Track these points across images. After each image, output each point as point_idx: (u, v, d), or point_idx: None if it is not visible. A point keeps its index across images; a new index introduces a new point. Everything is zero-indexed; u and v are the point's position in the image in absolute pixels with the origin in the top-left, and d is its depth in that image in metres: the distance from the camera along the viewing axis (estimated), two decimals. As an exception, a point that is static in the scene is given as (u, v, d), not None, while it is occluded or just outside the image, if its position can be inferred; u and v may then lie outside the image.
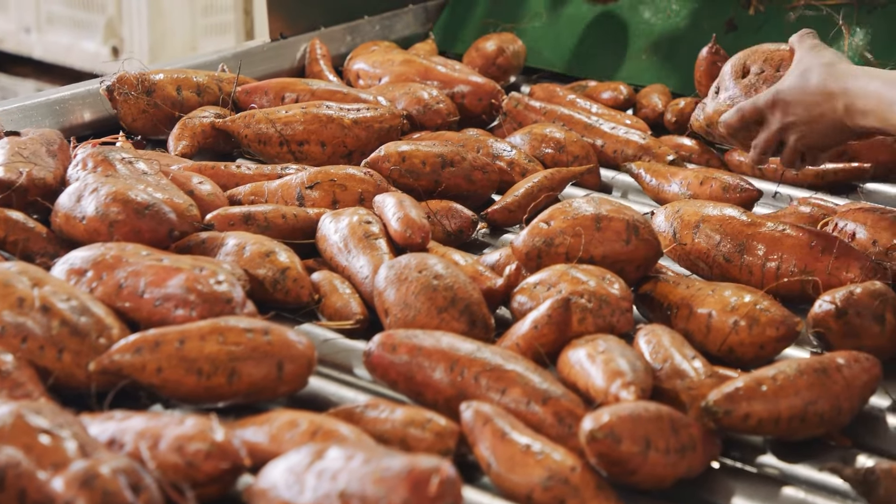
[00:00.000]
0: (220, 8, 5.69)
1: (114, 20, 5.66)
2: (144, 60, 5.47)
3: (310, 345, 2.01)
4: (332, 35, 3.69)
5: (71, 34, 5.81)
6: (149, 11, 5.56)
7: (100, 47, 5.69)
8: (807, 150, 2.47)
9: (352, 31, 3.76)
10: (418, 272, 2.16)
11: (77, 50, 5.79)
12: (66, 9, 5.81)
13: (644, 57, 3.62)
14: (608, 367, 1.95)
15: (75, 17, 5.78)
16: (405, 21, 3.92)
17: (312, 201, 2.54)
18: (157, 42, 5.59)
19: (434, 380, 1.99)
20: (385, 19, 3.85)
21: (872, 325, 2.16)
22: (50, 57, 5.90)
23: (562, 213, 2.30)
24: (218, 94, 3.02)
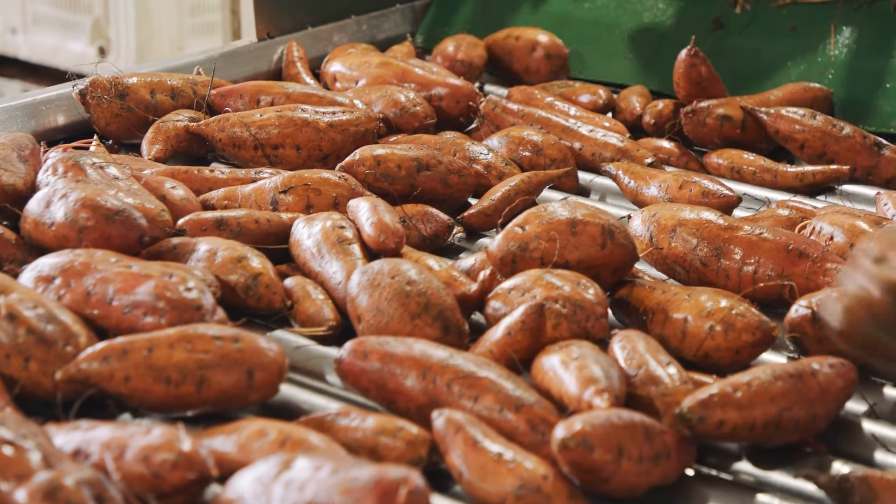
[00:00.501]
0: (206, 8, 5.68)
1: (100, 21, 5.65)
2: (131, 61, 5.51)
3: (280, 352, 1.99)
4: (319, 35, 3.68)
5: (57, 35, 5.80)
6: (136, 12, 5.55)
7: (86, 48, 5.69)
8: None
9: (339, 30, 3.74)
10: (391, 278, 2.14)
11: (64, 50, 5.78)
12: (52, 9, 5.80)
13: (630, 56, 3.61)
14: (582, 374, 1.93)
15: (62, 18, 5.78)
16: (392, 21, 3.91)
17: (286, 206, 2.52)
18: (144, 42, 5.59)
19: (406, 387, 1.97)
20: (372, 19, 3.83)
21: (849, 329, 2.15)
22: (36, 58, 5.89)
23: (537, 217, 2.28)
24: (193, 97, 2.99)
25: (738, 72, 3.43)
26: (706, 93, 3.11)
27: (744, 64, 3.47)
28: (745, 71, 3.46)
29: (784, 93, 3.21)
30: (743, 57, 3.49)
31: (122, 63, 5.46)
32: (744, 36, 3.55)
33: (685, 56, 3.12)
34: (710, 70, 3.12)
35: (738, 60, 3.48)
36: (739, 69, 3.45)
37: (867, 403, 2.12)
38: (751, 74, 3.45)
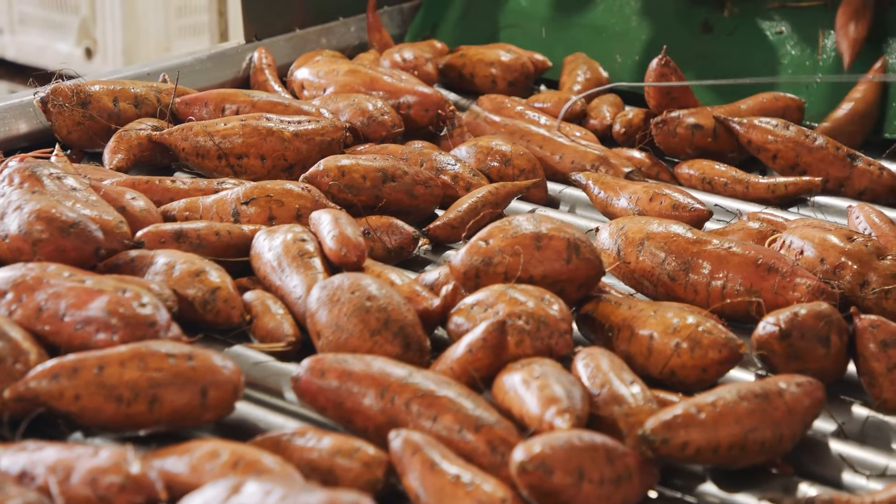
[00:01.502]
0: (194, 9, 5.66)
1: (87, 21, 5.63)
2: (118, 62, 5.50)
3: (236, 370, 1.95)
4: (307, 37, 3.66)
5: (44, 35, 5.78)
6: (122, 13, 5.53)
7: (73, 48, 5.67)
8: None
9: (327, 32, 3.72)
10: (351, 293, 2.10)
11: (50, 51, 5.75)
12: (39, 10, 5.78)
13: (619, 59, 3.59)
14: (543, 394, 1.89)
15: (48, 18, 5.75)
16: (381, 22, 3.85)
17: (248, 217, 2.47)
18: (130, 43, 5.57)
19: (364, 406, 1.92)
20: (360, 20, 3.81)
21: (817, 347, 2.11)
22: (23, 58, 5.87)
23: (501, 231, 2.23)
24: (156, 105, 2.94)
25: (725, 76, 3.42)
26: (676, 102, 3.08)
27: (731, 68, 3.47)
28: (733, 75, 3.44)
29: (755, 102, 3.18)
30: (731, 61, 3.48)
31: (108, 64, 5.46)
32: (732, 40, 3.53)
33: (655, 65, 3.08)
34: (680, 78, 3.08)
35: (725, 64, 3.47)
36: (727, 73, 3.44)
37: (836, 423, 2.08)
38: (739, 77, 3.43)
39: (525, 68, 3.46)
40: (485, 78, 3.46)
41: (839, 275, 2.33)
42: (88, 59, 5.64)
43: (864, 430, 2.09)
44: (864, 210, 2.63)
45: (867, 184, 2.90)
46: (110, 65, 5.57)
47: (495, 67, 3.46)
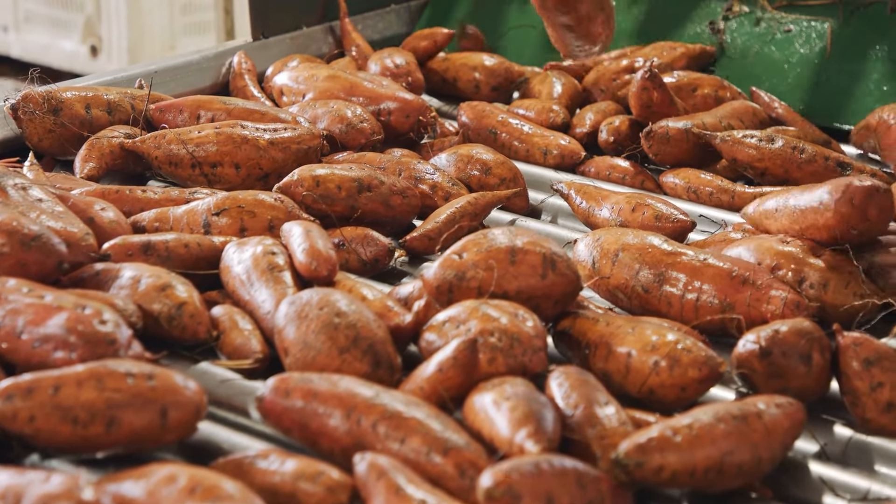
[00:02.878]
0: (199, 7, 5.66)
1: (92, 19, 5.63)
2: (123, 60, 5.54)
3: (198, 390, 1.89)
4: (314, 35, 3.63)
5: (49, 33, 5.80)
6: (127, 10, 5.54)
7: (78, 46, 5.68)
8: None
9: (332, 31, 3.68)
10: (319, 309, 2.04)
11: (55, 49, 5.77)
12: (44, 7, 5.79)
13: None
14: (513, 415, 1.84)
15: (53, 16, 5.77)
16: (387, 21, 3.86)
17: (219, 229, 2.41)
18: (135, 41, 5.58)
19: (330, 427, 1.87)
20: (367, 19, 3.79)
21: (798, 365, 2.06)
22: (28, 56, 5.89)
23: (475, 244, 2.17)
24: (130, 112, 2.88)
25: (732, 75, 3.41)
26: (656, 116, 3.00)
27: (740, 67, 3.45)
28: (740, 74, 3.43)
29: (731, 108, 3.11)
30: (739, 60, 3.46)
31: (113, 62, 5.44)
32: (740, 39, 3.50)
33: (639, 78, 3.01)
34: (663, 94, 3.00)
35: (734, 63, 3.45)
36: (736, 72, 3.43)
37: (818, 444, 2.02)
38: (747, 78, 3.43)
39: (509, 73, 3.40)
40: (468, 83, 3.40)
41: (776, 275, 2.28)
42: (93, 57, 5.66)
43: (846, 451, 2.03)
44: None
45: (859, 193, 2.84)
46: (115, 63, 5.60)
47: (479, 72, 3.40)
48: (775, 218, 2.39)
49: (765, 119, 3.13)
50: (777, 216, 2.39)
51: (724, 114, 3.06)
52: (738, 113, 3.09)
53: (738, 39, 3.52)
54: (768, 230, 2.43)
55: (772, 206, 2.42)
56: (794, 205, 2.35)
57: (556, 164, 3.01)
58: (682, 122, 2.95)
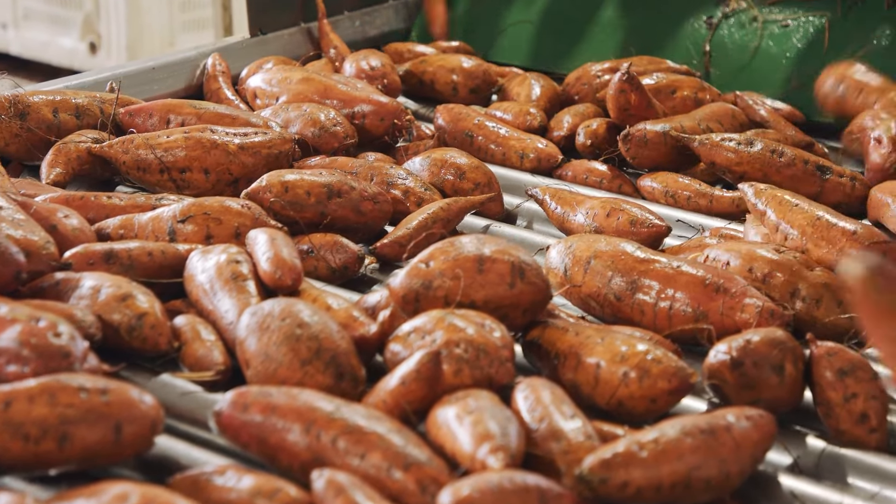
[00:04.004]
0: (198, 3, 5.68)
1: (91, 16, 5.64)
2: (122, 57, 5.56)
3: (155, 405, 1.85)
4: (312, 31, 3.61)
5: (48, 30, 5.81)
6: (126, 7, 5.55)
7: (77, 43, 5.69)
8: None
9: (333, 26, 3.66)
10: (281, 320, 2.00)
11: (54, 46, 5.78)
12: (43, 5, 5.81)
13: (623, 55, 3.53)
14: (476, 430, 1.79)
15: (52, 13, 5.78)
16: (385, 17, 3.84)
17: (185, 236, 2.37)
18: (134, 38, 5.59)
19: (289, 442, 1.82)
20: (365, 14, 3.77)
21: (770, 375, 2.01)
22: (27, 53, 5.91)
23: (442, 252, 2.13)
24: (99, 116, 2.84)
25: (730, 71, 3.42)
26: (634, 119, 2.96)
27: (737, 62, 3.45)
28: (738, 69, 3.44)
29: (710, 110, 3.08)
30: (736, 55, 3.45)
31: (113, 59, 5.44)
32: (737, 35, 3.49)
33: (616, 80, 2.96)
34: (641, 96, 2.96)
35: (730, 58, 3.45)
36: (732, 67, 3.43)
37: (791, 456, 1.98)
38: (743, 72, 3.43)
39: (487, 75, 3.36)
40: (446, 85, 3.36)
41: (768, 284, 2.24)
42: (93, 53, 5.68)
43: (819, 463, 1.99)
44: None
45: (840, 198, 2.79)
46: (114, 60, 5.61)
47: (457, 74, 3.36)
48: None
49: (745, 122, 3.09)
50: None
51: (702, 116, 3.02)
52: (718, 115, 3.04)
53: (735, 34, 3.51)
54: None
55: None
56: None
57: (533, 168, 2.97)
58: (660, 125, 2.91)
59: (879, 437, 2.01)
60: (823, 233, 2.37)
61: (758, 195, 2.53)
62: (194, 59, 3.34)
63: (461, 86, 3.34)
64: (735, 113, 3.09)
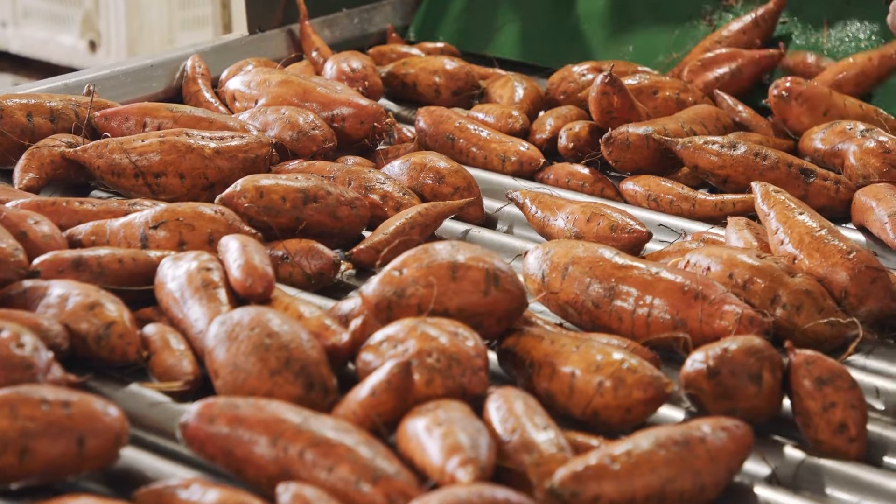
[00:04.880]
0: (197, 1, 5.69)
1: (91, 14, 5.64)
2: (122, 54, 5.56)
3: (119, 417, 1.81)
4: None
5: (48, 28, 5.82)
6: (126, 5, 5.56)
7: (77, 41, 5.69)
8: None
9: (330, 24, 3.66)
10: (250, 329, 1.97)
11: (54, 44, 5.78)
12: (43, 2, 5.82)
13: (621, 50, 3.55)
14: (445, 442, 1.76)
15: (52, 11, 5.78)
16: (384, 14, 3.83)
17: (157, 243, 2.34)
18: (134, 36, 5.60)
19: (255, 455, 1.79)
20: (364, 12, 3.76)
21: (748, 385, 1.98)
22: (27, 51, 5.92)
23: (416, 260, 2.10)
24: (74, 119, 2.80)
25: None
26: (616, 122, 2.92)
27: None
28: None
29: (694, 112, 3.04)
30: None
31: (112, 57, 5.45)
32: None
33: (599, 83, 2.92)
34: (624, 98, 2.92)
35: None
36: None
37: (769, 467, 1.95)
38: None
39: (470, 77, 3.33)
40: (428, 87, 3.32)
41: (748, 290, 2.21)
42: (92, 51, 5.68)
43: (797, 474, 1.96)
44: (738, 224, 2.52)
45: (825, 201, 2.76)
46: (114, 57, 5.60)
47: (439, 76, 3.32)
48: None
49: (729, 123, 3.06)
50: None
51: (686, 118, 2.98)
52: (702, 117, 3.01)
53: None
54: None
55: None
56: None
57: (515, 171, 2.94)
58: (643, 128, 2.88)
59: (859, 446, 1.97)
60: (819, 246, 2.33)
61: (765, 197, 2.49)
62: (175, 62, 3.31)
63: (444, 88, 3.31)
64: (719, 114, 3.06)
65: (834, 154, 2.88)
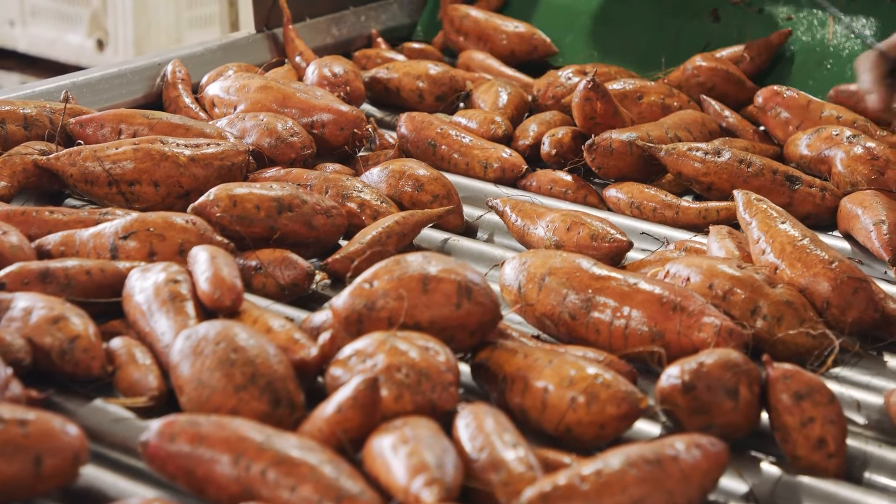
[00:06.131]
0: (204, 0, 5.70)
1: (98, 13, 5.66)
2: (129, 53, 5.60)
3: (79, 436, 1.77)
4: (317, 27, 3.60)
5: (55, 27, 5.85)
6: (133, 4, 5.58)
7: (84, 40, 5.72)
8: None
9: (337, 22, 3.65)
10: (216, 344, 1.92)
11: (61, 43, 5.81)
12: (50, 2, 5.84)
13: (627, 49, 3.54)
14: (411, 461, 1.72)
15: (60, 10, 5.81)
16: (391, 12, 3.82)
17: (127, 253, 2.29)
18: (141, 34, 5.62)
19: (217, 474, 1.75)
20: (371, 10, 3.76)
21: (724, 400, 1.94)
22: (35, 50, 5.95)
23: (387, 272, 2.06)
24: (49, 126, 2.76)
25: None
26: (600, 128, 2.88)
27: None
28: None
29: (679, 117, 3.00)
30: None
31: (120, 56, 5.47)
32: (741, 27, 3.48)
33: (581, 88, 2.88)
34: (607, 104, 2.87)
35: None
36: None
37: (746, 484, 1.91)
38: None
39: (454, 82, 3.28)
40: (412, 92, 3.28)
41: (728, 301, 2.17)
42: (100, 50, 5.70)
43: (775, 491, 1.91)
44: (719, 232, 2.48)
45: (810, 208, 2.72)
46: (121, 56, 5.62)
47: (423, 81, 3.28)
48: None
49: (714, 129, 3.02)
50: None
51: (671, 124, 2.94)
52: (687, 123, 2.97)
53: (740, 28, 3.49)
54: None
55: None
56: None
57: (497, 178, 2.90)
58: (626, 134, 2.83)
59: (837, 462, 1.93)
60: (801, 255, 2.28)
61: (747, 206, 2.45)
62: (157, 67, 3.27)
63: (427, 93, 3.27)
64: (705, 120, 3.02)
65: (820, 160, 2.84)
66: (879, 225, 2.53)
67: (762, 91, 3.04)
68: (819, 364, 2.13)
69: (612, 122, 2.90)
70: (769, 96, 3.03)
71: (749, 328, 2.14)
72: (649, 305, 2.12)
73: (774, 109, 3.01)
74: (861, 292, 2.23)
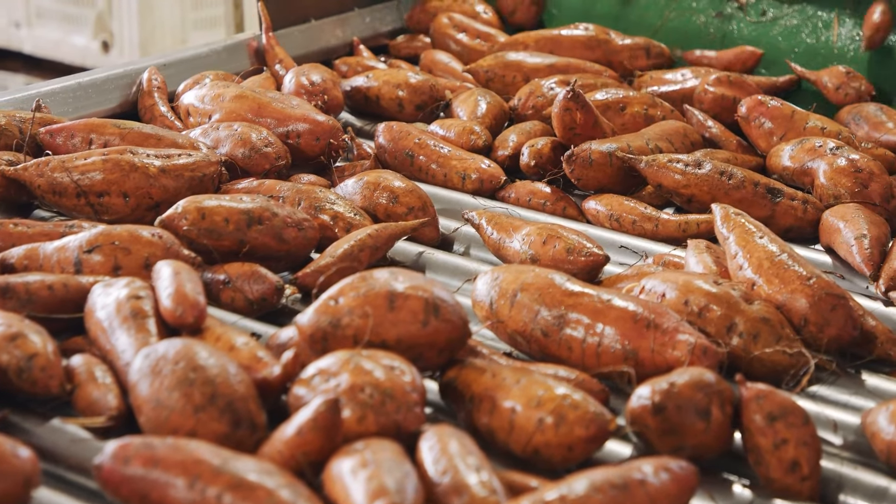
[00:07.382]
0: (209, 2, 5.70)
1: (104, 14, 5.65)
2: (135, 55, 5.57)
3: (30, 458, 1.73)
4: (322, 27, 3.59)
5: (61, 29, 5.83)
6: (139, 5, 5.57)
7: (90, 42, 5.70)
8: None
9: (342, 23, 3.64)
10: (175, 363, 1.88)
11: (67, 44, 5.79)
12: (55, 3, 5.82)
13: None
14: (370, 486, 1.68)
15: (65, 12, 5.79)
16: (396, 13, 3.80)
17: (91, 267, 2.25)
18: (147, 36, 5.60)
19: (171, 498, 1.71)
20: (376, 11, 3.76)
21: (696, 421, 1.89)
22: (40, 51, 5.93)
23: (353, 288, 2.01)
24: (18, 136, 2.71)
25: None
26: (580, 138, 2.83)
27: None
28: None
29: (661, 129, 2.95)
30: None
31: (125, 57, 5.50)
32: (746, 28, 3.48)
33: (561, 98, 2.83)
34: (587, 115, 2.82)
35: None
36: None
37: (717, 506, 1.87)
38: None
39: (434, 91, 3.24)
40: (391, 101, 3.24)
41: (704, 318, 2.12)
42: (105, 52, 5.68)
43: (746, 515, 1.87)
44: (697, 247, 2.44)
45: (792, 221, 2.68)
46: (127, 58, 5.59)
47: (402, 90, 3.23)
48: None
49: (697, 140, 2.98)
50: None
51: (652, 135, 2.90)
52: (668, 134, 2.92)
53: (745, 29, 3.50)
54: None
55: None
56: None
57: (475, 190, 2.85)
58: (606, 146, 2.79)
59: (811, 485, 1.89)
60: (779, 271, 2.24)
61: (724, 220, 2.40)
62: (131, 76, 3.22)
63: (407, 102, 3.22)
64: (687, 131, 2.97)
65: (803, 172, 2.80)
66: (861, 239, 2.49)
67: (746, 100, 3.00)
68: (794, 383, 2.09)
69: (592, 132, 2.85)
70: (753, 106, 2.99)
71: (724, 346, 2.10)
72: (623, 322, 2.08)
73: (758, 119, 2.97)
74: (839, 309, 2.18)
